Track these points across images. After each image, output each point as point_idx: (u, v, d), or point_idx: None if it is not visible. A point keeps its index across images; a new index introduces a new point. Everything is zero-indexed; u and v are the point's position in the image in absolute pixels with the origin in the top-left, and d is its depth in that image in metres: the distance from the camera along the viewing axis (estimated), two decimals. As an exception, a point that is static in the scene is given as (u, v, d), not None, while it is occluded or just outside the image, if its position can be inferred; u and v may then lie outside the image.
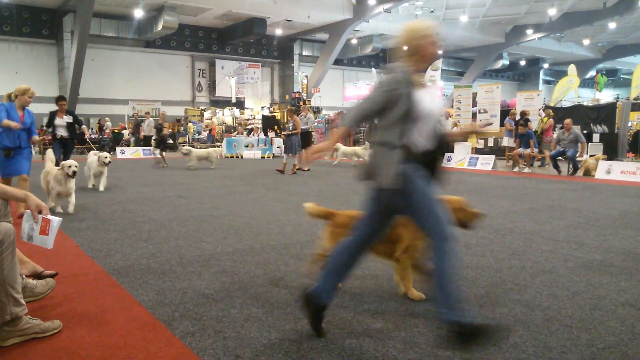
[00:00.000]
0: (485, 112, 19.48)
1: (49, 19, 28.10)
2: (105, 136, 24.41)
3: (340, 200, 8.39)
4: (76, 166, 6.99)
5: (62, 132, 9.49)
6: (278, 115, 28.59)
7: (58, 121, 9.47)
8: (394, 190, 2.76)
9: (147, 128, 20.01)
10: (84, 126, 10.52)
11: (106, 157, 9.52)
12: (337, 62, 35.73)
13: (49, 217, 2.97)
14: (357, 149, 16.20)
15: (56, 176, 6.97)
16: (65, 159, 8.70)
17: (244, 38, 32.16)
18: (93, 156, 9.83)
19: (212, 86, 34.40)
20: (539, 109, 17.43)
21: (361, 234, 2.99)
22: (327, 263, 3.04)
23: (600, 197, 8.70)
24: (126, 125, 27.64)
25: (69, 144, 9.71)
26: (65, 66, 27.28)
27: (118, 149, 21.35)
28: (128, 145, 22.63)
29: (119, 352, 2.76)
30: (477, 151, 18.03)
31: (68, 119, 9.55)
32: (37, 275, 3.67)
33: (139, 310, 3.37)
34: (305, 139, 13.77)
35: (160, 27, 27.32)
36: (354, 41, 34.13)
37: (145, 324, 3.13)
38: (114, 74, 30.32)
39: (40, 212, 2.96)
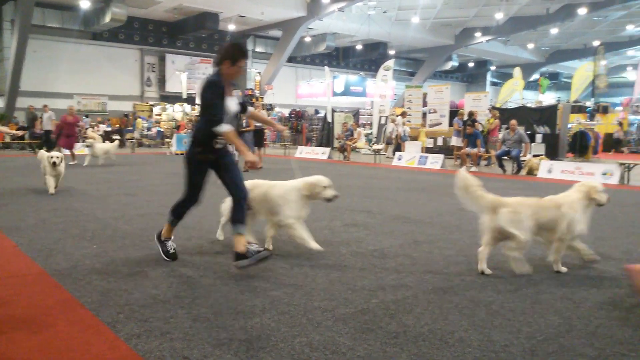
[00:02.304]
0: (435, 112, 19.95)
1: (-14, 6, 26.64)
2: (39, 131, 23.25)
3: (292, 198, 8.37)
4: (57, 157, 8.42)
5: None
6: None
7: None
8: None
9: (47, 122, 19.05)
10: None
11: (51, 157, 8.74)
12: (291, 59, 35.61)
13: None
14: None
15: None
16: None
17: (195, 33, 31.54)
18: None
19: (162, 81, 33.55)
20: (486, 110, 17.99)
21: None
22: None
23: (542, 195, 9.06)
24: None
25: None
26: (4, 57, 25.92)
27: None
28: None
29: (61, 356, 2.65)
30: (427, 150, 18.44)
31: None
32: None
33: (82, 312, 3.25)
34: (258, 136, 13.68)
35: (108, 19, 26.35)
36: (308, 39, 34.13)
37: (88, 327, 3.02)
38: (58, 66, 29.07)
39: None
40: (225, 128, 4.02)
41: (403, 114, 19.52)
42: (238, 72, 4.16)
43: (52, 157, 8.40)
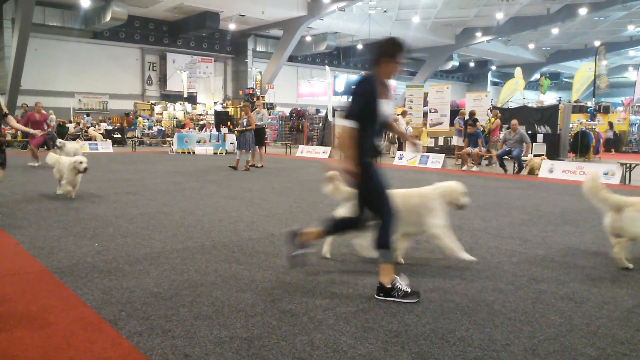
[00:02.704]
0: (436, 111, 19.94)
1: (-13, 5, 26.64)
2: (49, 129, 23.40)
3: (293, 197, 8.38)
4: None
5: None
6: (231, 111, 28.26)
7: None
8: None
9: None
10: None
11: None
12: (291, 59, 35.64)
13: None
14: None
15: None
16: None
17: (196, 32, 31.56)
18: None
19: (162, 80, 33.59)
20: (487, 109, 17.98)
21: None
22: None
23: (543, 195, 9.07)
24: (71, 119, 26.66)
25: None
26: (5, 56, 25.93)
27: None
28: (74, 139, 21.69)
29: (62, 353, 2.66)
30: (428, 150, 18.43)
31: None
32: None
33: (83, 310, 3.26)
34: (259, 135, 13.68)
35: (108, 17, 26.39)
36: (308, 38, 34.15)
37: (89, 324, 3.03)
38: (59, 65, 29.10)
39: None
40: (346, 123, 3.52)
41: (403, 114, 19.51)
42: (396, 69, 3.66)
43: (81, 163, 7.51)
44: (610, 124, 24.33)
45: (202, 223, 6.06)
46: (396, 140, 19.64)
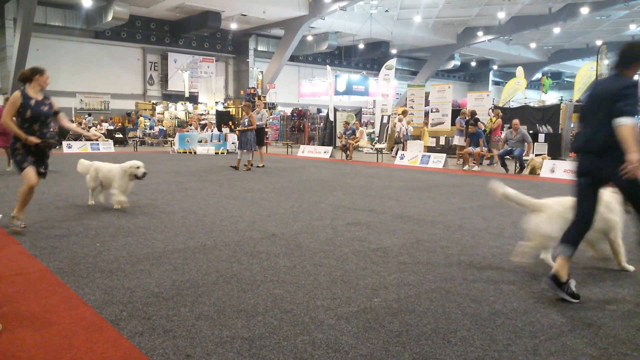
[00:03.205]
0: (437, 111, 19.92)
1: (-11, 5, 26.68)
2: (51, 130, 23.42)
3: (294, 197, 8.39)
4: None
5: None
6: (233, 110, 28.27)
7: None
8: None
9: None
10: None
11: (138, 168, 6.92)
12: (293, 58, 35.64)
13: None
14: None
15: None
16: None
17: (197, 31, 31.57)
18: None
19: (164, 80, 33.61)
20: (489, 109, 17.96)
21: None
22: None
23: (545, 194, 9.06)
24: (73, 119, 26.68)
25: None
26: (7, 55, 25.98)
27: (64, 143, 20.57)
28: (75, 140, 21.82)
29: (63, 353, 2.66)
30: (429, 149, 18.42)
31: None
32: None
33: (85, 310, 3.26)
34: (259, 135, 13.68)
35: (110, 17, 26.42)
36: (310, 38, 34.13)
37: (91, 324, 3.03)
38: (61, 65, 29.12)
39: None
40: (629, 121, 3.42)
41: (404, 113, 19.50)
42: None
43: (139, 168, 6.74)
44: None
45: (204, 223, 6.07)
46: (401, 139, 19.63)
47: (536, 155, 14.35)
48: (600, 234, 4.28)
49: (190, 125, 26.50)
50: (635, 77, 3.67)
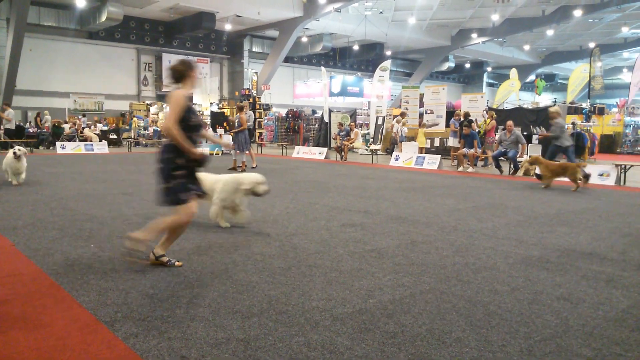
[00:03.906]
0: (432, 112, 19.98)
1: (-19, 5, 26.52)
2: (45, 130, 23.34)
3: (289, 198, 8.38)
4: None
5: None
6: (227, 111, 28.22)
7: None
8: None
9: (11, 118, 20.03)
10: None
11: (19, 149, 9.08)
12: (287, 59, 35.65)
13: None
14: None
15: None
16: None
17: (192, 32, 31.51)
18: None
19: (158, 80, 33.53)
20: (483, 111, 18.03)
21: None
22: None
23: (538, 196, 9.12)
24: (67, 120, 26.55)
25: None
26: (0, 56, 25.84)
27: (58, 144, 20.46)
28: (69, 140, 21.71)
29: (57, 355, 2.65)
30: (424, 150, 18.46)
31: None
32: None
33: (79, 311, 3.25)
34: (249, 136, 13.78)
35: (104, 18, 26.32)
36: (304, 39, 34.15)
37: (85, 326, 3.02)
38: (55, 65, 29.01)
39: None
40: None
41: (402, 115, 19.55)
42: None
43: (261, 184, 5.72)
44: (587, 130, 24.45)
45: (198, 224, 6.05)
46: (397, 141, 19.68)
47: (530, 156, 14.39)
48: None
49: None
50: None
